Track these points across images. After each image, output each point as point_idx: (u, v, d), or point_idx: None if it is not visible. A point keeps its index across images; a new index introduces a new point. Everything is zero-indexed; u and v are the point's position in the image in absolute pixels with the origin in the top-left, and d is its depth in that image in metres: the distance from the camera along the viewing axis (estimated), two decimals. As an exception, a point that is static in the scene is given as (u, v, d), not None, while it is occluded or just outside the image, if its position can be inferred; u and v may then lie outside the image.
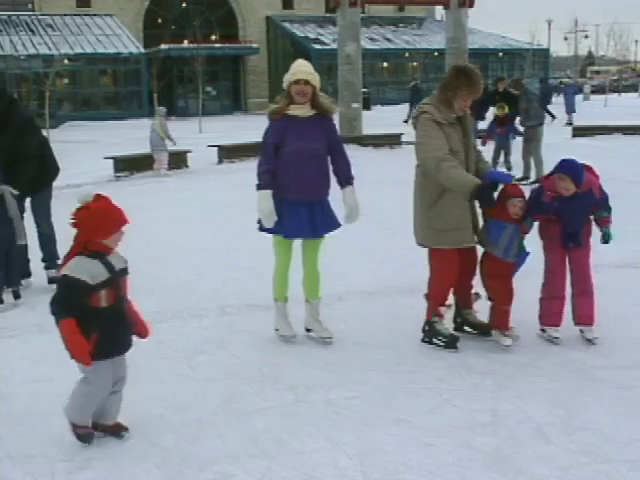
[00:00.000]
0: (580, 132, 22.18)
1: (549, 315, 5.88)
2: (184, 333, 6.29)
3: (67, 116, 39.84)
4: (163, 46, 45.94)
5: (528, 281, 6.08)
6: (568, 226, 5.70)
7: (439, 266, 5.79)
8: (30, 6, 46.25)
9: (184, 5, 50.56)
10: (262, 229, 5.84)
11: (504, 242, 5.64)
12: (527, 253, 5.77)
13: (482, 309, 6.00)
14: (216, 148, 19.13)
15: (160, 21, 50.62)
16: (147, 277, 8.04)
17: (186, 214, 12.04)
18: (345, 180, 5.86)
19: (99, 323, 4.25)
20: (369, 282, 7.62)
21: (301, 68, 5.69)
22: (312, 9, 52.43)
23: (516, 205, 5.61)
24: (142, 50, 44.39)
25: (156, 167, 17.27)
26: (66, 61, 37.87)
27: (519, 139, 15.15)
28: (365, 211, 6.21)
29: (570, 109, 28.88)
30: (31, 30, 43.27)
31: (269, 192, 5.64)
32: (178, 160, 17.99)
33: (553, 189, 5.62)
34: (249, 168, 16.96)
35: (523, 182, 12.89)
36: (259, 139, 5.94)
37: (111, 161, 17.08)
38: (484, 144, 14.41)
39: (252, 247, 9.25)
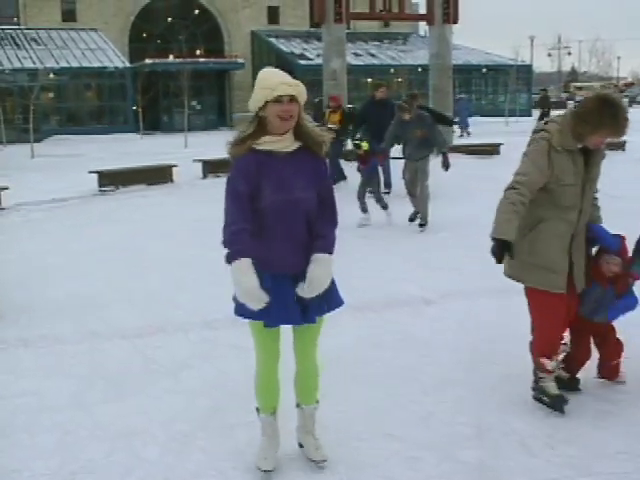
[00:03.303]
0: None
1: None
2: (169, 347, 6.28)
3: (52, 130, 39.68)
4: (148, 61, 45.89)
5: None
6: None
7: (537, 310, 4.90)
8: (15, 20, 46.16)
9: (170, 20, 50.60)
10: (239, 312, 4.15)
11: (591, 302, 4.99)
12: (636, 299, 5.06)
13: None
14: (201, 163, 19.12)
15: (145, 35, 50.61)
16: (131, 291, 8.04)
17: (171, 228, 12.02)
18: (321, 242, 4.01)
19: None
20: (352, 297, 7.63)
21: (283, 79, 3.92)
22: (297, 24, 52.59)
23: (609, 263, 4.94)
24: (127, 64, 44.35)
25: None
26: (51, 75, 37.83)
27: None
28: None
29: (463, 123, 31.71)
30: (16, 44, 43.15)
31: (249, 261, 3.85)
32: (163, 174, 17.97)
33: None
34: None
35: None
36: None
37: (96, 175, 17.04)
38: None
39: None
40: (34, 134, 28.77)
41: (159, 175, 17.87)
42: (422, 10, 32.66)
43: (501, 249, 4.54)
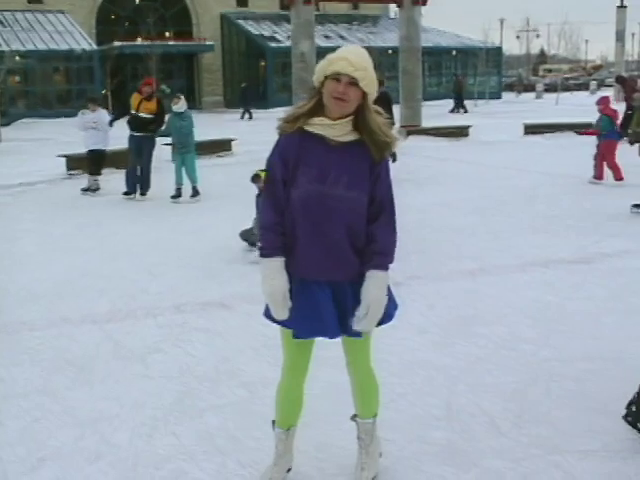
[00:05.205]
0: (532, 130, 22.44)
1: None
2: (138, 332, 6.24)
3: (19, 114, 39.28)
4: (116, 43, 45.53)
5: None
6: None
7: None
8: (-20, 2, 45.54)
9: (138, 2, 50.13)
10: (267, 314, 3.63)
11: None
12: None
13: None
14: (170, 146, 18.96)
15: (113, 17, 50.17)
16: (100, 277, 7.99)
17: (139, 213, 11.96)
18: (375, 257, 3.45)
19: None
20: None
21: (346, 54, 3.34)
22: (267, 6, 52.31)
23: None
24: (95, 47, 43.94)
25: None
26: (17, 58, 37.37)
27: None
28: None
29: None
30: (-19, 27, 42.62)
31: (278, 262, 3.45)
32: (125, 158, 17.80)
33: None
34: (200, 166, 16.91)
35: None
36: (211, 137, 5.27)
37: (64, 159, 16.87)
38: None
39: (206, 246, 9.24)
40: (1, 118, 28.46)
41: (127, 158, 17.70)
42: (391, -8, 32.58)
43: None
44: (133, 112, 13.46)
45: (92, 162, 14.40)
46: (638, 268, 7.65)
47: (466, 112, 36.94)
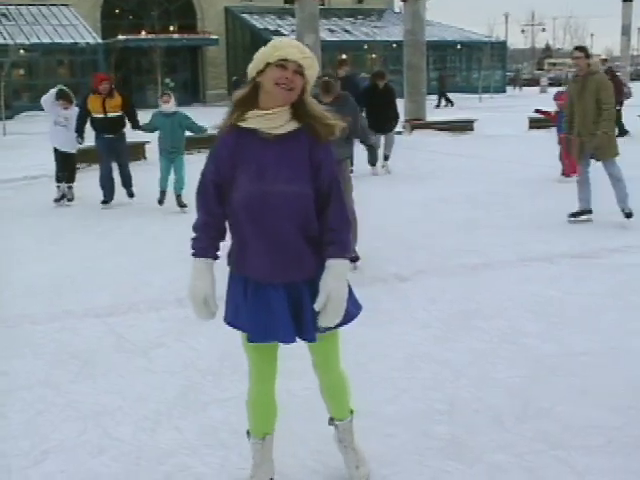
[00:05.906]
0: (536, 124, 22.37)
1: None
2: (141, 326, 6.24)
3: (23, 107, 39.28)
4: (121, 37, 45.51)
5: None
6: None
7: None
8: (-16, -4, 45.54)
9: (142, -5, 50.16)
10: (226, 318, 3.55)
11: None
12: None
13: None
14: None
15: (118, 11, 50.13)
16: (102, 271, 7.99)
17: (141, 206, 11.94)
18: (330, 248, 3.28)
19: None
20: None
21: (292, 42, 3.25)
22: (271, 0, 52.26)
23: None
24: (99, 41, 43.92)
25: None
26: (22, 51, 37.38)
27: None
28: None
29: None
30: (-15, 20, 42.61)
31: (204, 263, 3.33)
32: (136, 151, 17.79)
33: None
34: (202, 160, 16.91)
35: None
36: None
37: (67, 153, 16.82)
38: None
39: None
40: (5, 111, 28.45)
41: (131, 152, 17.67)
42: (396, -14, 32.60)
43: None
44: (99, 116, 12.07)
45: (64, 167, 12.89)
46: (641, 264, 7.64)
47: (447, 105, 37.52)
